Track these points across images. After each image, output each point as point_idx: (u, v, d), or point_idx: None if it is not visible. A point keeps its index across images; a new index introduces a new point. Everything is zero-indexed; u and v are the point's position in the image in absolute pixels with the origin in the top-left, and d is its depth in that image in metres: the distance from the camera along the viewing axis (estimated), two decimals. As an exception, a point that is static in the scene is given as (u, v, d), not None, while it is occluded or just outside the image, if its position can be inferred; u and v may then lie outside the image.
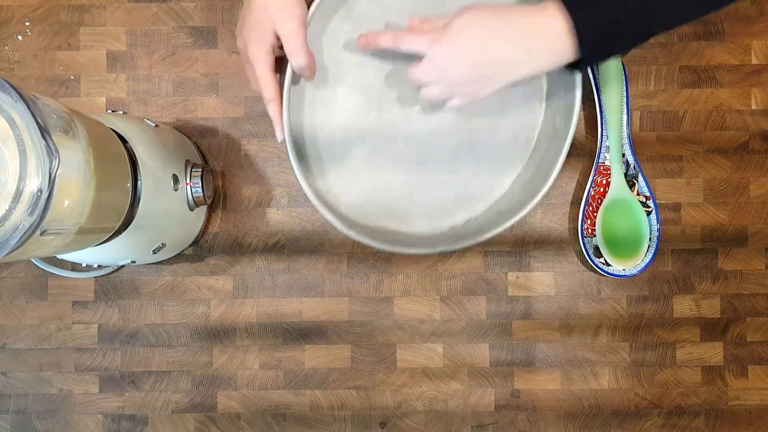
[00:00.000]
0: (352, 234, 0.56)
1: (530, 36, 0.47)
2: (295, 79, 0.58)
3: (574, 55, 0.48)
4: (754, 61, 0.69)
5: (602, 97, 0.66)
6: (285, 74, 0.55)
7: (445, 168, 0.62)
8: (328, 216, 0.56)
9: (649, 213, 0.67)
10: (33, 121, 0.40)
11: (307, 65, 0.53)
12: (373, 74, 0.61)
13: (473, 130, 0.62)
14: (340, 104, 0.61)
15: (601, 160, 0.67)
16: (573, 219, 0.69)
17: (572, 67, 0.50)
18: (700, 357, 0.69)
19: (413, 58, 0.54)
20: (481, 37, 0.48)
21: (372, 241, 0.57)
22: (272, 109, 0.54)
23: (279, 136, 0.55)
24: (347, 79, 0.61)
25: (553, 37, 0.47)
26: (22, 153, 0.41)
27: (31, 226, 0.40)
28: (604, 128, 0.67)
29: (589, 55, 0.48)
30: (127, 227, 0.54)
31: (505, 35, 0.48)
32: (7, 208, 0.40)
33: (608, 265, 0.67)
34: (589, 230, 0.68)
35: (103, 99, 0.70)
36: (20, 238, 0.40)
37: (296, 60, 0.52)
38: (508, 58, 0.49)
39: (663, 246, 0.69)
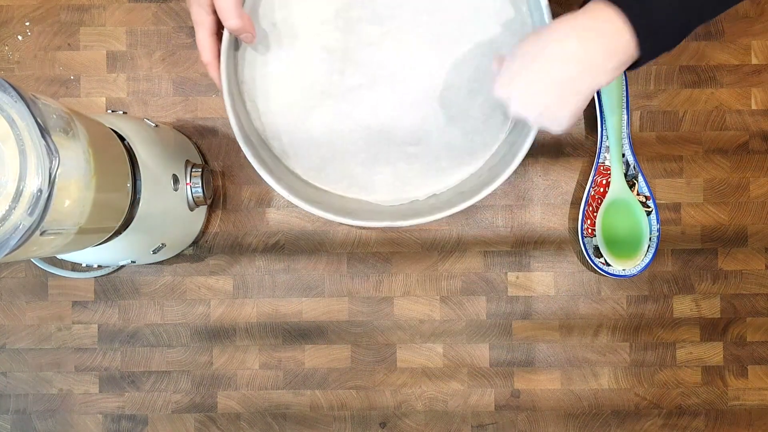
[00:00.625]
0: (295, 200, 0.53)
1: (588, 48, 0.46)
2: (239, 42, 0.55)
3: (635, 52, 0.46)
4: (754, 61, 0.69)
5: (602, 97, 0.66)
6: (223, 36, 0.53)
7: (412, 139, 0.59)
8: (264, 174, 0.53)
9: (649, 213, 0.67)
10: (33, 121, 0.40)
11: (240, 28, 0.51)
12: (336, 36, 0.57)
13: (447, 102, 0.58)
14: (299, 64, 0.57)
15: (601, 160, 0.67)
16: (573, 219, 0.69)
17: (633, 66, 0.49)
18: (700, 357, 0.69)
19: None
20: (537, 70, 0.47)
21: (311, 208, 0.54)
22: (211, 72, 0.53)
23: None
24: (308, 38, 0.57)
25: (615, 41, 0.45)
26: (22, 153, 0.41)
27: (31, 226, 0.40)
28: (604, 128, 0.67)
29: (649, 50, 0.46)
30: (127, 227, 0.54)
31: (560, 57, 0.46)
32: (7, 208, 0.40)
33: (608, 265, 0.67)
34: (589, 230, 0.68)
35: (103, 99, 0.70)
36: (20, 238, 0.40)
37: (228, 22, 0.50)
38: (573, 76, 0.47)
39: (663, 246, 0.69)
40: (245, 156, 0.54)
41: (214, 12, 0.51)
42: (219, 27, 0.53)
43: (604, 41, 0.45)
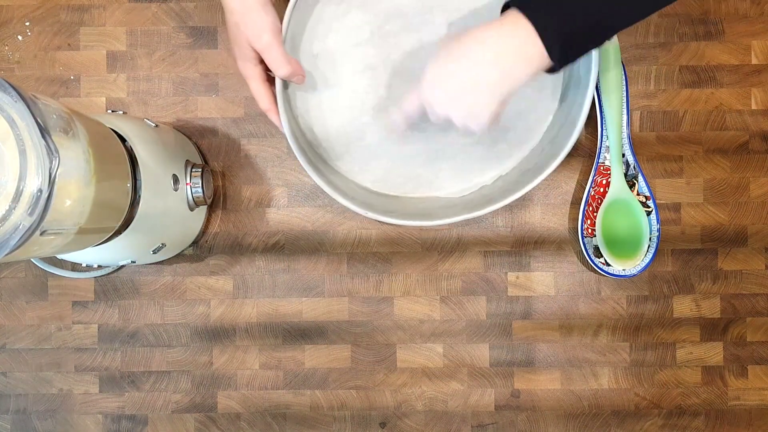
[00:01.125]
0: (371, 214, 0.56)
1: (502, 53, 0.47)
2: (287, 83, 0.58)
3: (547, 60, 0.47)
4: (754, 61, 0.69)
5: (602, 98, 0.66)
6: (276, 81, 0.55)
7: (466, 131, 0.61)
8: (340, 199, 0.55)
9: (649, 213, 0.67)
10: (33, 121, 0.40)
11: (291, 73, 0.53)
12: (375, 52, 0.59)
13: None
14: (346, 88, 0.60)
15: (601, 160, 0.67)
16: (573, 219, 0.69)
17: (551, 71, 0.50)
18: (700, 357, 0.69)
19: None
20: (459, 72, 0.49)
21: (388, 218, 0.56)
22: (272, 118, 0.55)
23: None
24: (349, 62, 0.60)
25: (529, 48, 0.46)
26: (22, 153, 0.41)
27: (31, 226, 0.40)
28: (604, 128, 0.67)
29: (559, 57, 0.47)
30: (127, 227, 0.54)
31: (478, 61, 0.48)
32: (7, 208, 0.40)
33: (608, 265, 0.67)
34: (589, 230, 0.68)
35: (103, 99, 0.70)
36: (20, 238, 0.40)
37: (279, 72, 0.52)
38: (490, 80, 0.48)
39: (663, 246, 0.69)
40: (329, 197, 0.56)
41: (261, 62, 0.53)
42: (268, 73, 0.54)
43: (520, 49, 0.47)
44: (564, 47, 0.47)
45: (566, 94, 0.60)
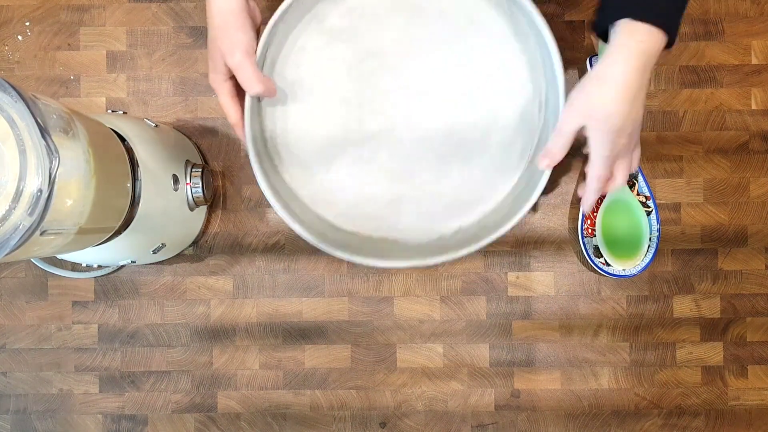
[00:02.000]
0: (323, 246, 0.55)
1: (648, 64, 0.50)
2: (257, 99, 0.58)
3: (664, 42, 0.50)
4: (754, 61, 0.69)
5: (602, 97, 0.66)
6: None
7: (432, 178, 0.61)
8: (297, 228, 0.55)
9: (649, 213, 0.67)
10: (33, 121, 0.40)
11: (262, 92, 0.53)
12: (351, 87, 0.60)
13: (463, 139, 0.60)
14: (319, 116, 0.60)
15: (601, 160, 0.67)
16: (573, 219, 0.69)
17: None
18: (700, 357, 0.69)
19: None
20: (635, 110, 0.51)
21: (342, 253, 0.56)
22: (238, 132, 0.55)
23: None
24: (324, 91, 0.60)
25: (656, 50, 0.49)
26: (22, 153, 0.41)
27: (31, 226, 0.40)
28: (604, 128, 0.67)
29: (675, 32, 0.50)
30: (127, 227, 0.54)
31: (642, 86, 0.50)
32: (7, 208, 0.40)
33: (608, 265, 0.67)
34: (589, 230, 0.68)
35: (103, 99, 0.70)
36: (20, 238, 0.40)
37: (250, 90, 0.53)
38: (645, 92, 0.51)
39: (663, 246, 0.69)
40: (276, 212, 0.55)
41: (232, 77, 0.53)
42: (238, 88, 0.54)
43: (653, 50, 0.49)
44: (677, 23, 0.49)
45: (534, 157, 0.60)
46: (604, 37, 0.52)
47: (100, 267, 0.68)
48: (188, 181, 0.61)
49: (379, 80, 0.59)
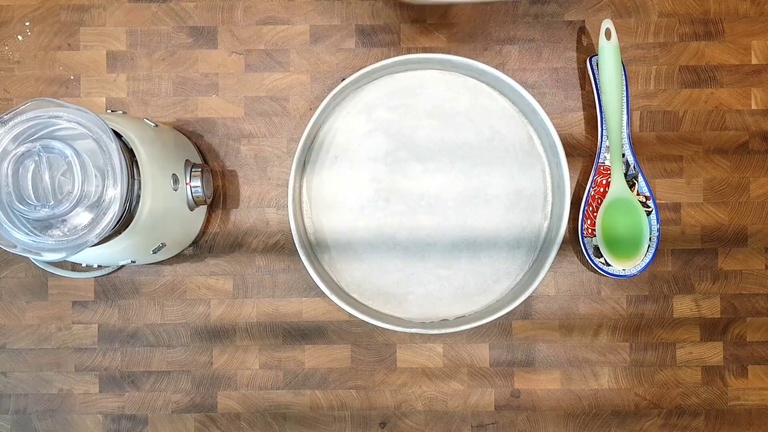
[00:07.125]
0: (356, 313, 0.64)
1: None
2: (307, 159, 0.68)
3: None
4: (754, 61, 0.69)
5: (602, 98, 0.66)
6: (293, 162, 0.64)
7: (443, 263, 0.68)
8: (338, 301, 0.65)
9: (649, 213, 0.67)
10: (120, 155, 0.48)
11: None
12: (385, 170, 0.68)
13: (475, 231, 0.68)
14: (351, 188, 0.68)
15: (601, 160, 0.67)
16: (573, 219, 0.69)
17: None
18: (700, 357, 0.69)
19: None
20: None
21: (360, 314, 0.65)
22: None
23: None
24: (361, 170, 0.68)
25: None
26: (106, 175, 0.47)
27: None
28: (604, 128, 0.67)
29: None
30: (126, 227, 0.54)
31: None
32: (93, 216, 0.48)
33: (608, 265, 0.67)
34: (589, 230, 0.68)
35: (103, 99, 0.70)
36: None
37: None
38: None
39: (663, 246, 0.69)
40: (306, 268, 0.65)
41: None
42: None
43: None
44: None
45: (539, 256, 0.68)
46: None
47: (100, 267, 0.68)
48: (188, 181, 0.61)
49: (409, 167, 0.68)
